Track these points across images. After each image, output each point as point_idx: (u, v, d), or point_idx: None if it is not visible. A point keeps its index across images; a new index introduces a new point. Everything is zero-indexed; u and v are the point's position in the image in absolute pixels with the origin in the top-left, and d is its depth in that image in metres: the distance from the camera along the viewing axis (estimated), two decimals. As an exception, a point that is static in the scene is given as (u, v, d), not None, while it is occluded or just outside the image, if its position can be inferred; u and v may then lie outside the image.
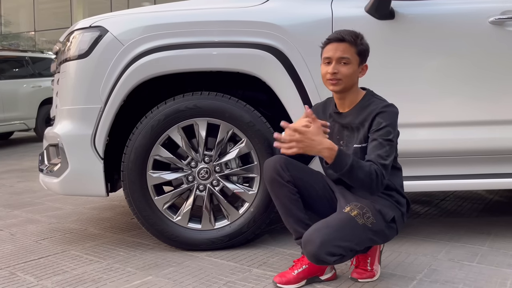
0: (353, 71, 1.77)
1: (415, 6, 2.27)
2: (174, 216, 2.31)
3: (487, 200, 3.30)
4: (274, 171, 1.84)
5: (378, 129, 1.72)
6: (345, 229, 1.69)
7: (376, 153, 1.68)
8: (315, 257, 1.67)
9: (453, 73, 2.27)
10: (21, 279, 2.02)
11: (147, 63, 2.20)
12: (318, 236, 1.67)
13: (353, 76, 1.78)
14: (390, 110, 1.75)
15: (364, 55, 1.81)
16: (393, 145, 1.73)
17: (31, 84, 8.00)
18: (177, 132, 2.26)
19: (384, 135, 1.71)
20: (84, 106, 2.25)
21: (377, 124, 1.73)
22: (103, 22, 2.28)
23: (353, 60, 1.77)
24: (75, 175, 2.27)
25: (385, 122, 1.72)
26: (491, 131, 2.28)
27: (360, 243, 1.73)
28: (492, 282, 1.89)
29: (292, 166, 1.87)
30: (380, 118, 1.73)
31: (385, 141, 1.70)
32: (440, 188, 2.34)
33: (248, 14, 2.26)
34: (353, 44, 1.76)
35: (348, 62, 1.76)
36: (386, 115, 1.73)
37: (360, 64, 1.80)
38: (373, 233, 1.74)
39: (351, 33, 1.78)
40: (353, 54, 1.77)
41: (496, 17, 2.22)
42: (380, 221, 1.75)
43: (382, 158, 1.67)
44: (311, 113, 1.66)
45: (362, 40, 1.79)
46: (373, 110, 1.76)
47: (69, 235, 2.68)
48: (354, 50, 1.77)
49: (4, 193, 4.04)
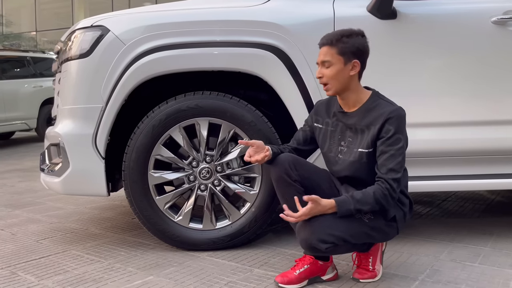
0: (336, 72, 1.76)
1: (417, 6, 2.26)
2: (175, 216, 2.31)
3: (489, 201, 3.29)
4: (282, 170, 1.85)
5: (388, 138, 1.72)
6: (339, 220, 1.70)
7: (389, 167, 1.70)
8: (307, 243, 1.70)
9: (455, 72, 2.26)
10: (22, 279, 2.02)
11: (148, 62, 2.19)
12: (312, 224, 1.70)
13: (338, 77, 1.76)
14: (398, 115, 1.73)
15: (348, 53, 1.75)
16: (404, 152, 1.74)
17: (33, 84, 8.01)
18: (178, 132, 2.26)
19: (394, 144, 1.71)
20: (86, 106, 2.25)
21: (386, 131, 1.72)
22: (105, 21, 2.27)
23: (335, 61, 1.75)
24: (76, 175, 2.27)
25: (394, 129, 1.72)
26: (493, 131, 2.27)
27: (355, 236, 1.73)
28: (494, 282, 1.88)
29: (300, 165, 1.88)
30: (389, 125, 1.72)
31: (397, 151, 1.71)
32: (442, 189, 2.33)
33: (250, 13, 2.25)
34: (332, 45, 1.75)
35: (329, 65, 1.76)
36: (395, 121, 1.72)
37: (347, 63, 1.76)
38: (370, 229, 1.74)
39: (332, 34, 1.77)
40: (333, 55, 1.75)
41: (498, 17, 2.21)
42: (379, 218, 1.75)
43: (395, 172, 1.70)
44: (312, 198, 1.67)
45: (345, 39, 1.74)
46: (381, 114, 1.74)
47: (70, 235, 2.68)
48: (335, 51, 1.75)
49: (5, 192, 4.05)
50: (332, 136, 1.90)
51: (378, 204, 1.69)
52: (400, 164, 1.71)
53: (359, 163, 1.79)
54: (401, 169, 1.72)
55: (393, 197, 1.71)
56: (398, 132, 1.72)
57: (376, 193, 1.69)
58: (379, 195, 1.68)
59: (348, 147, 1.84)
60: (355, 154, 1.80)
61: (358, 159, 1.80)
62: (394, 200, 1.73)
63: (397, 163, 1.70)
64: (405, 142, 1.76)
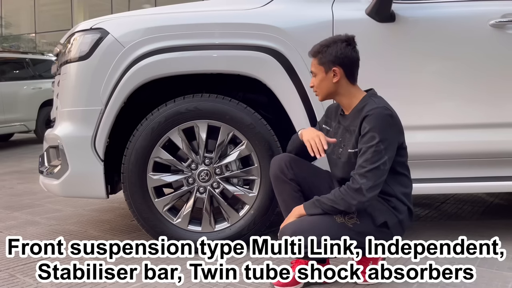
0: (320, 81, 1.82)
1: (416, 9, 2.27)
2: (174, 218, 2.31)
3: (487, 203, 3.29)
4: (278, 168, 1.91)
5: (363, 135, 1.72)
6: (320, 224, 1.71)
7: (358, 164, 1.71)
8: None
9: (453, 75, 2.27)
10: (20, 281, 2.02)
11: (147, 65, 2.20)
12: (291, 227, 1.73)
13: (322, 85, 1.82)
14: (375, 113, 1.70)
15: (326, 62, 1.79)
16: (378, 150, 1.67)
17: (32, 86, 8.01)
18: (177, 134, 2.26)
19: (366, 142, 1.70)
20: (85, 108, 2.25)
21: (362, 129, 1.73)
22: (104, 24, 2.28)
23: (318, 71, 1.82)
24: (75, 177, 2.27)
25: (368, 126, 1.70)
26: (491, 134, 2.28)
27: (335, 240, 1.72)
28: (493, 285, 1.88)
29: (297, 164, 1.90)
30: (365, 123, 1.72)
31: (368, 148, 1.69)
32: (441, 191, 2.34)
33: (249, 16, 2.26)
34: (314, 56, 1.84)
35: (315, 74, 1.85)
36: (370, 118, 1.70)
37: (327, 71, 1.80)
38: (356, 234, 1.73)
39: (316, 45, 1.84)
40: (316, 65, 1.83)
41: (496, 20, 2.22)
42: (368, 224, 1.74)
43: (361, 167, 1.69)
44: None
45: (324, 48, 1.80)
46: (362, 114, 1.75)
47: (68, 237, 2.68)
48: (316, 62, 1.83)
49: (4, 194, 4.04)
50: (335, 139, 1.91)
51: (340, 198, 1.69)
52: (368, 160, 1.67)
53: (349, 163, 1.80)
54: (370, 165, 1.67)
55: (356, 191, 1.66)
56: (372, 130, 1.69)
57: (338, 189, 1.72)
58: (340, 190, 1.70)
59: (345, 148, 1.85)
60: (346, 155, 1.82)
61: (348, 160, 1.81)
62: (359, 195, 1.66)
63: (365, 159, 1.68)
64: (384, 141, 1.68)
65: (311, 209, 1.76)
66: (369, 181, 1.67)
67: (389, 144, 1.71)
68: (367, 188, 1.66)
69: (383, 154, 1.69)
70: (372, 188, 1.67)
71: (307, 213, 1.77)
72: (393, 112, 1.75)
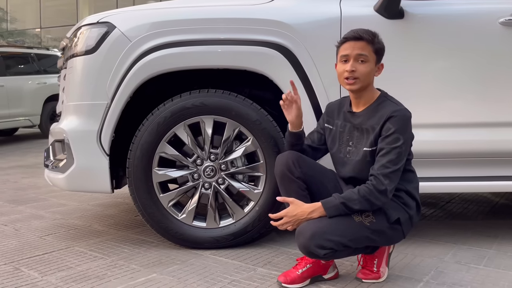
0: (371, 70, 1.78)
1: (425, 6, 2.25)
2: (179, 214, 2.30)
3: (493, 203, 3.27)
4: (285, 166, 1.87)
5: (386, 136, 1.71)
6: (339, 224, 1.69)
7: (380, 163, 1.70)
8: (305, 249, 1.69)
9: (461, 73, 2.25)
10: (25, 275, 2.02)
11: (154, 60, 2.19)
12: (310, 228, 1.69)
13: (370, 74, 1.78)
14: (400, 115, 1.72)
15: (381, 54, 1.81)
16: (401, 152, 1.70)
17: (36, 81, 8.04)
18: (183, 130, 2.25)
19: (391, 143, 1.70)
20: (91, 102, 2.24)
21: (386, 130, 1.72)
22: (111, 18, 2.27)
23: (371, 58, 1.77)
24: (81, 171, 2.27)
25: (394, 128, 1.71)
26: (499, 132, 2.26)
27: (355, 240, 1.72)
28: (499, 285, 1.87)
29: (304, 163, 1.88)
30: (390, 124, 1.71)
31: (392, 149, 1.70)
32: (446, 190, 2.32)
33: (256, 11, 2.24)
34: (371, 42, 1.76)
35: (365, 60, 1.76)
36: (396, 120, 1.71)
37: (377, 63, 1.80)
38: (372, 232, 1.72)
39: (367, 31, 1.78)
40: (370, 52, 1.77)
41: (506, 18, 2.20)
42: (382, 221, 1.74)
43: (385, 167, 1.69)
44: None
45: (378, 39, 1.79)
46: (384, 114, 1.74)
47: (73, 231, 2.68)
48: (372, 48, 1.77)
49: (8, 188, 4.05)
50: (341, 137, 1.90)
51: (365, 199, 1.67)
52: (392, 162, 1.68)
53: (364, 162, 1.79)
54: (392, 166, 1.68)
55: (381, 192, 1.67)
56: (397, 132, 1.70)
57: (361, 189, 1.69)
58: (364, 190, 1.68)
59: (355, 147, 1.83)
60: (360, 153, 1.80)
61: (362, 158, 1.79)
62: (384, 196, 1.68)
63: (389, 160, 1.69)
64: (406, 143, 1.72)
65: (334, 213, 1.70)
66: (392, 182, 1.70)
67: (408, 146, 1.75)
68: (390, 189, 1.69)
69: (403, 156, 1.73)
70: (393, 189, 1.71)
71: (330, 216, 1.70)
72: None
